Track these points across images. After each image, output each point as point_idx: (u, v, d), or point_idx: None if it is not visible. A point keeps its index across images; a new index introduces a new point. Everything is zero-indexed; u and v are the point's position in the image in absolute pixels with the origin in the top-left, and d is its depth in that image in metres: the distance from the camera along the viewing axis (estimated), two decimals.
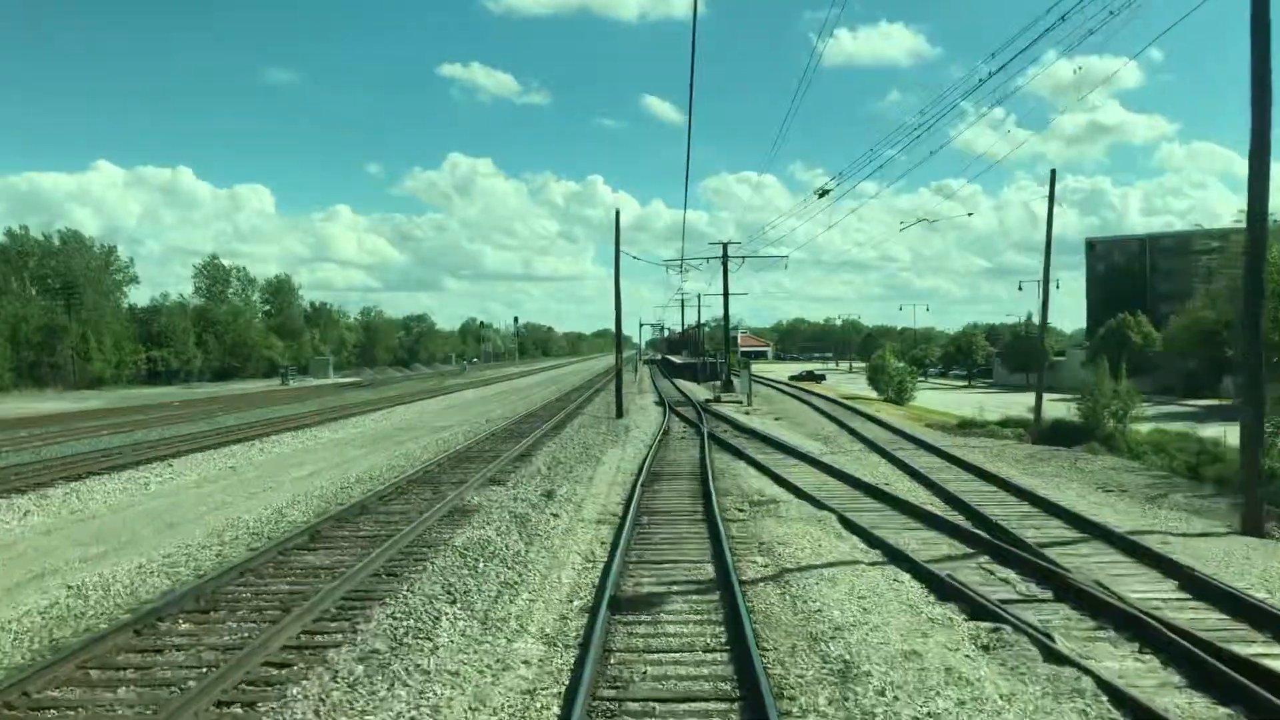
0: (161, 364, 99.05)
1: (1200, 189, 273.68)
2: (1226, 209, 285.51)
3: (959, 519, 15.54)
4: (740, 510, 16.39)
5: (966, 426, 36.01)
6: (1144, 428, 34.64)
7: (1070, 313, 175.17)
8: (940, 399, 64.76)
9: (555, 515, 15.46)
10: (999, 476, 20.14)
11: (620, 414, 37.52)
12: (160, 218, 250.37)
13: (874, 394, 58.27)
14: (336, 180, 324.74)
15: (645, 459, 22.98)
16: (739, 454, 24.86)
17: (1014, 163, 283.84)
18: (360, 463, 23.22)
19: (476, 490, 17.86)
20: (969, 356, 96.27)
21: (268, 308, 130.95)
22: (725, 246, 59.20)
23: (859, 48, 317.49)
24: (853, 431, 31.92)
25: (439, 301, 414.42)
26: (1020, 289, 73.39)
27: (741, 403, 47.86)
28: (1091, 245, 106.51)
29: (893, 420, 37.73)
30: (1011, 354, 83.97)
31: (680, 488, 18.93)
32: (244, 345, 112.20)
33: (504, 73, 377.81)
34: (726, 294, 59.96)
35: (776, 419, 38.17)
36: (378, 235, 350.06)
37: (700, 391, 61.31)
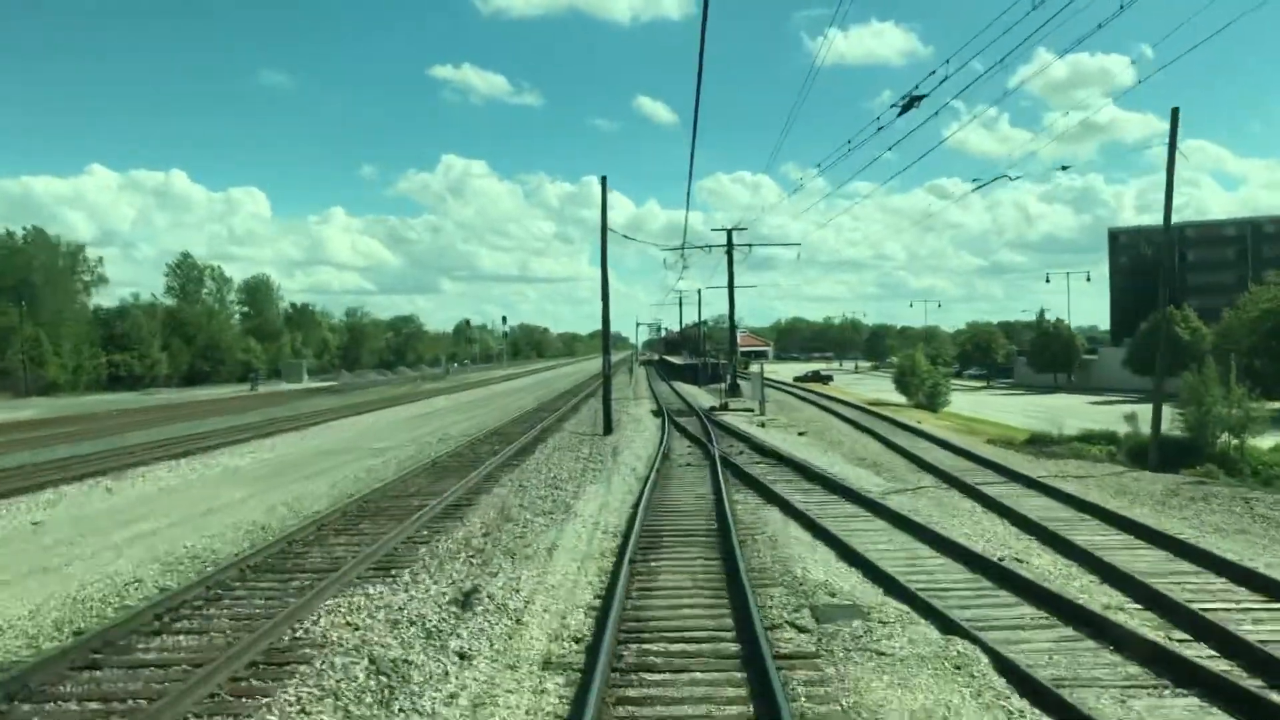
0: (124, 369, 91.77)
1: (1193, 186, 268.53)
2: (1219, 206, 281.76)
3: (1220, 662, 8.30)
4: (802, 630, 9.16)
5: (1040, 443, 28.77)
6: (1265, 443, 27.49)
7: (1084, 311, 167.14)
8: (970, 402, 57.56)
9: (464, 657, 8.24)
10: (1193, 546, 12.80)
11: (609, 429, 30.28)
12: (154, 221, 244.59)
13: (901, 398, 51.00)
14: (331, 182, 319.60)
15: (637, 507, 15.76)
16: (768, 493, 17.62)
17: (1008, 162, 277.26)
18: (188, 534, 15.93)
19: (338, 594, 10.24)
20: (987, 355, 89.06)
21: (246, 309, 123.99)
22: (730, 234, 51.99)
23: (850, 47, 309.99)
24: (905, 453, 24.68)
25: (435, 304, 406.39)
26: (1048, 280, 65.98)
27: (753, 411, 40.63)
28: (1115, 236, 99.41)
29: (944, 434, 30.53)
30: (1038, 352, 76.78)
31: (691, 569, 11.68)
32: (217, 348, 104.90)
33: (496, 74, 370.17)
34: (732, 286, 52.73)
35: (800, 434, 30.94)
36: (372, 237, 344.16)
37: (703, 397, 54.06)
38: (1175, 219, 27.18)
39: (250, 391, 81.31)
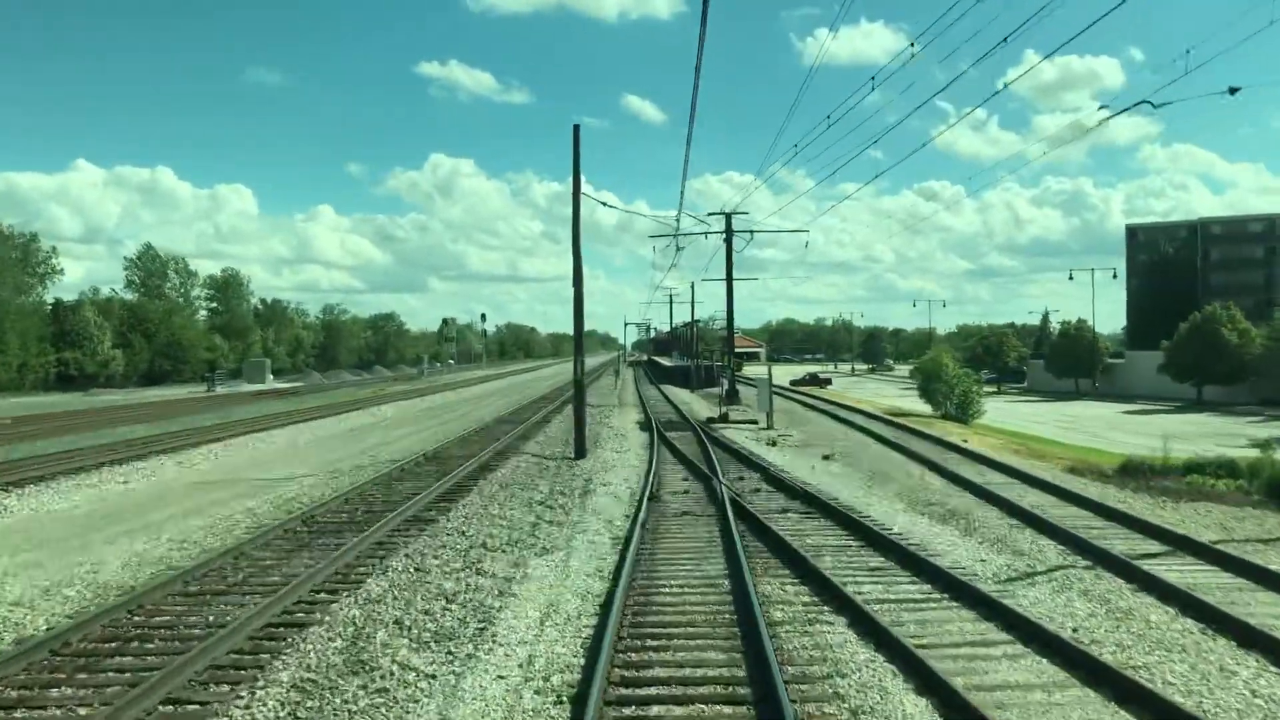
0: (75, 367, 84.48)
1: (1182, 190, 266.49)
2: (1207, 209, 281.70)
3: None
4: None
5: (1137, 473, 21.93)
6: None
7: (1076, 313, 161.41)
8: (989, 410, 50.78)
9: None
10: None
11: (581, 452, 23.38)
12: (140, 218, 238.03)
13: (923, 406, 44.23)
14: (318, 180, 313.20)
15: (607, 612, 9.00)
16: (818, 579, 10.77)
17: (998, 164, 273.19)
18: None
19: None
20: (997, 358, 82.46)
21: (215, 305, 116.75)
22: (729, 218, 45.16)
23: (839, 46, 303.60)
24: (984, 494, 17.84)
25: (424, 303, 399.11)
26: (1071, 278, 60.74)
27: (757, 423, 33.81)
28: (1133, 233, 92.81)
29: (1005, 458, 23.75)
30: (1058, 355, 70.19)
31: None
32: (178, 346, 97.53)
33: (483, 71, 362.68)
34: (730, 278, 45.85)
35: (825, 457, 24.13)
36: (360, 236, 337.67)
37: (697, 404, 47.25)
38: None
39: (206, 393, 74.21)
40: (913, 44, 16.91)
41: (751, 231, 44.94)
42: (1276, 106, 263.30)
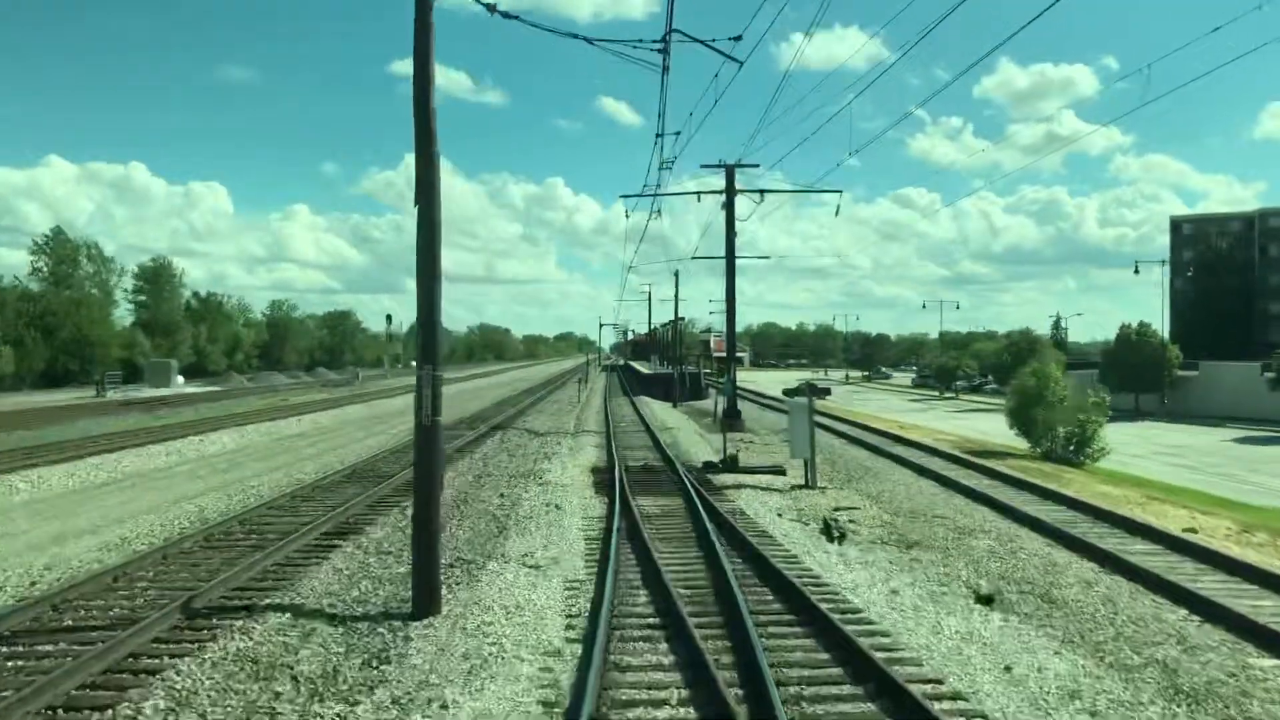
0: None
1: (1154, 201, 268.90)
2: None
3: None
4: None
5: None
6: None
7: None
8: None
9: None
10: None
11: (425, 606, 9.74)
12: (113, 215, 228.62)
13: (993, 433, 31.04)
14: (293, 179, 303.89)
15: None
16: None
17: (972, 171, 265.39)
18: None
19: None
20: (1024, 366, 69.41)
21: (143, 298, 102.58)
22: (730, 172, 31.94)
23: (814, 52, 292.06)
24: None
25: (399, 303, 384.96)
26: (1136, 272, 49.40)
27: (785, 473, 20.50)
28: (1177, 226, 79.83)
29: None
30: (1117, 366, 57.33)
31: None
32: (87, 343, 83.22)
33: (456, 70, 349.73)
34: (731, 253, 32.55)
35: (981, 598, 10.76)
36: (336, 236, 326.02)
37: (684, 428, 33.87)
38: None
39: (95, 398, 60.31)
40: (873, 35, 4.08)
41: (762, 191, 31.65)
42: (1246, 117, 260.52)
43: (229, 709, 6.93)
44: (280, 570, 11.29)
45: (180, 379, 73.72)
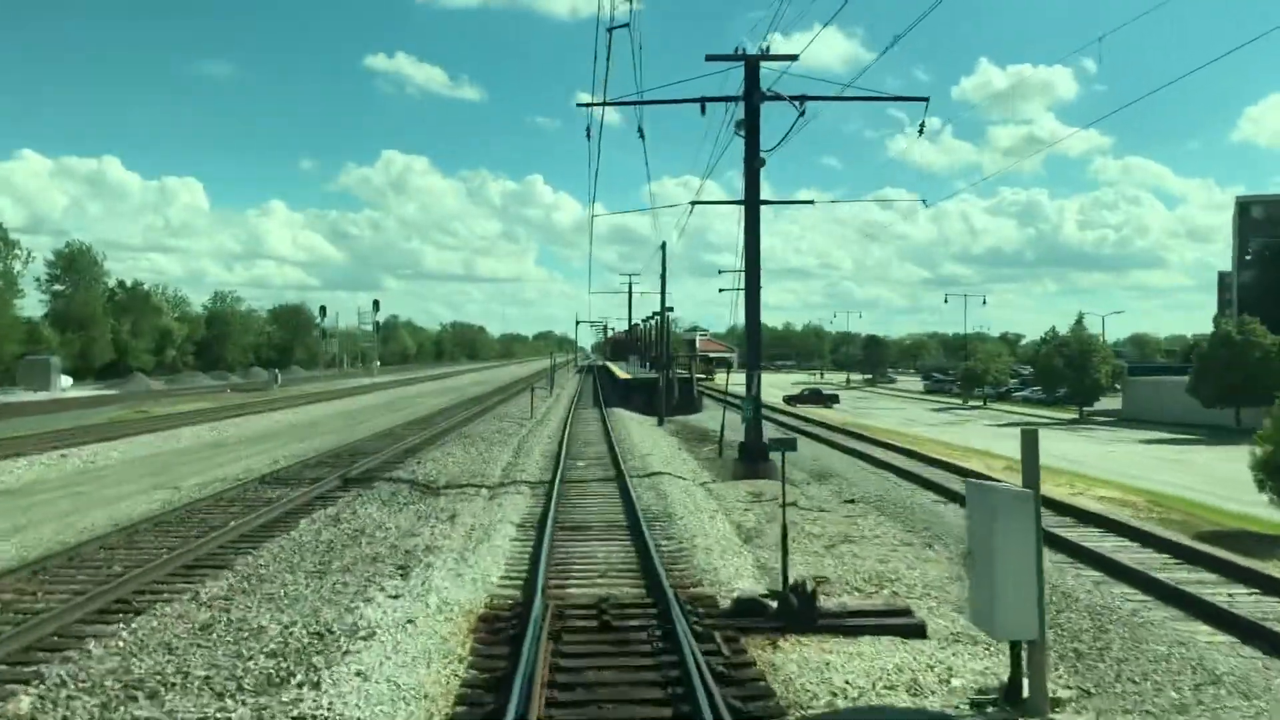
0: None
1: (1134, 204, 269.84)
2: (1159, 224, 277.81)
3: None
4: None
5: None
6: None
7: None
8: (1178, 471, 25.34)
9: None
10: None
11: None
12: (87, 209, 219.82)
13: (1226, 489, 18.76)
14: (270, 175, 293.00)
15: None
16: None
17: (954, 172, 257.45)
18: None
19: None
20: (1082, 373, 57.63)
21: (58, 287, 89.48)
22: (752, 66, 19.53)
23: (792, 50, 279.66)
24: None
25: (382, 299, 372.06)
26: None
27: (916, 630, 8.21)
28: (1245, 208, 68.30)
29: None
30: (1213, 372, 45.43)
31: None
32: None
33: (433, 65, 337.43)
34: (755, 192, 20.14)
35: None
36: (314, 232, 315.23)
37: (675, 468, 21.21)
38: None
39: None
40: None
41: (804, 98, 19.28)
42: (1225, 122, 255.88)
43: None
44: None
45: (66, 380, 60.63)
